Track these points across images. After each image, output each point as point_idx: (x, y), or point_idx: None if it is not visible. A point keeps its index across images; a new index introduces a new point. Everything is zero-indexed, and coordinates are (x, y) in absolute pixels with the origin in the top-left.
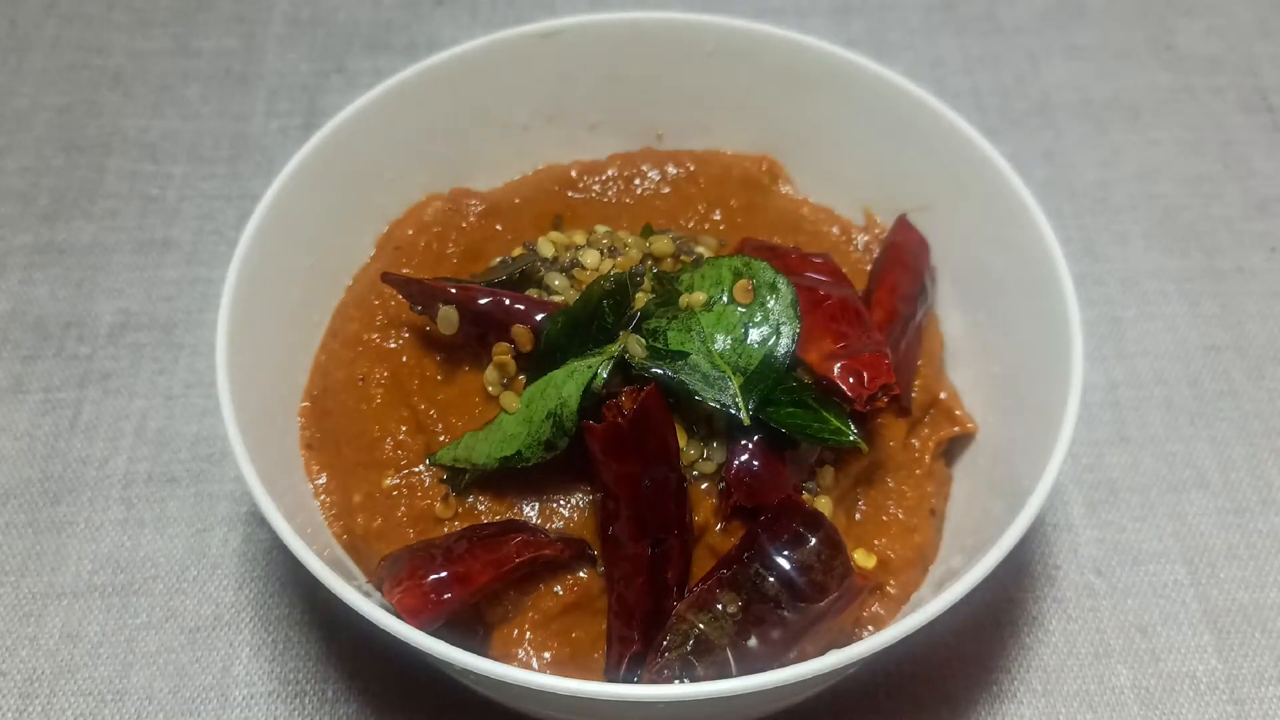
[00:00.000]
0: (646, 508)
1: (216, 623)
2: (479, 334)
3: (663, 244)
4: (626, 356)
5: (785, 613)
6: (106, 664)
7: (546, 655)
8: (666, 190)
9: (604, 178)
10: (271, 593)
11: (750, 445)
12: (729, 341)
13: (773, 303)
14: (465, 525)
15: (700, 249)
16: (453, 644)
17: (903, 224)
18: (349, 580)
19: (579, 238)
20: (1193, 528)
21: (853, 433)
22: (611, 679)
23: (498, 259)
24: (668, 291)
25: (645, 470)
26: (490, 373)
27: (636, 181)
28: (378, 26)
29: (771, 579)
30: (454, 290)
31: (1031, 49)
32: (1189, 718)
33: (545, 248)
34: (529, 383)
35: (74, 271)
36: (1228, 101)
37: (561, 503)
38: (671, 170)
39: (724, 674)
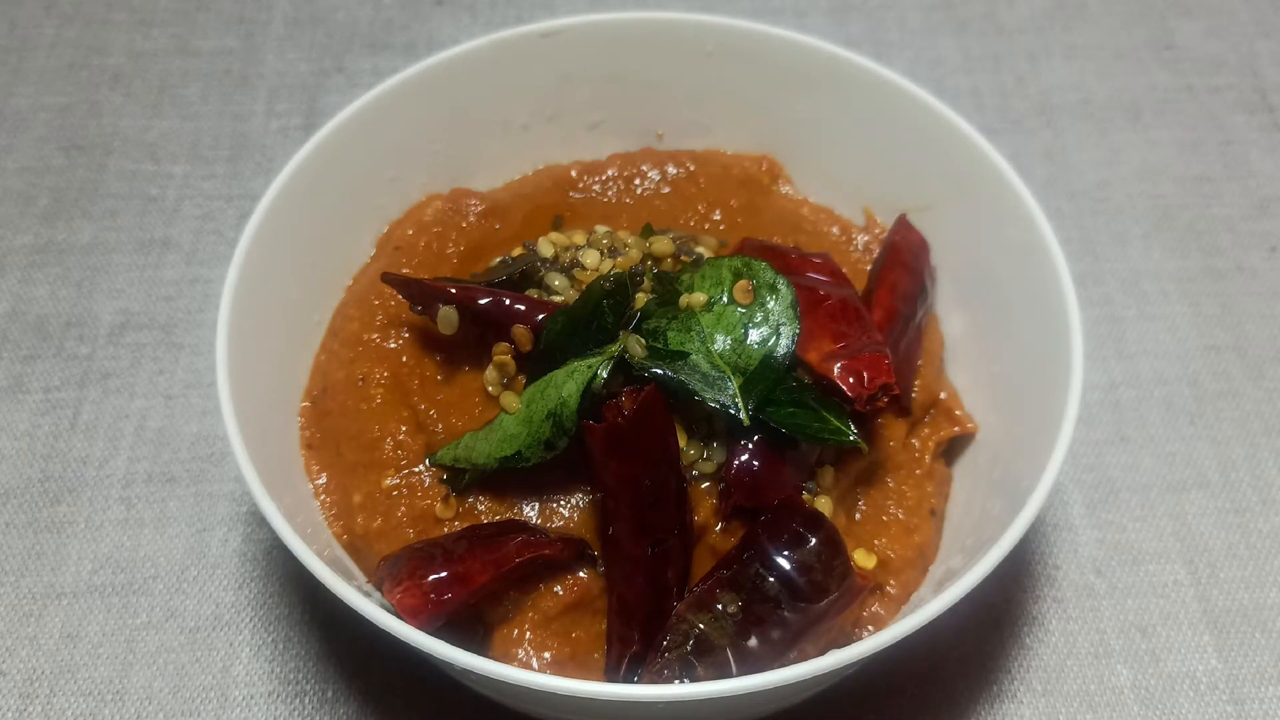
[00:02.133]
0: (646, 508)
1: (216, 623)
2: (479, 334)
3: (663, 244)
4: (626, 356)
5: (785, 613)
6: (106, 664)
7: (546, 655)
8: (666, 190)
9: (604, 178)
10: (271, 593)
11: (750, 445)
12: (729, 341)
13: (773, 303)
14: (465, 525)
15: (700, 249)
16: (453, 644)
17: (903, 224)
18: (349, 580)
19: (579, 238)
20: (1193, 528)
21: (853, 433)
22: (611, 679)
23: (498, 259)
24: (668, 291)
25: (645, 470)
26: (490, 373)
27: (636, 181)
28: (378, 26)
29: (771, 579)
30: (454, 290)
31: (1031, 49)
32: (1189, 718)
33: (545, 248)
34: (529, 383)
35: (74, 271)
36: (1228, 101)
37: (561, 503)
38: (671, 170)
39: (724, 674)
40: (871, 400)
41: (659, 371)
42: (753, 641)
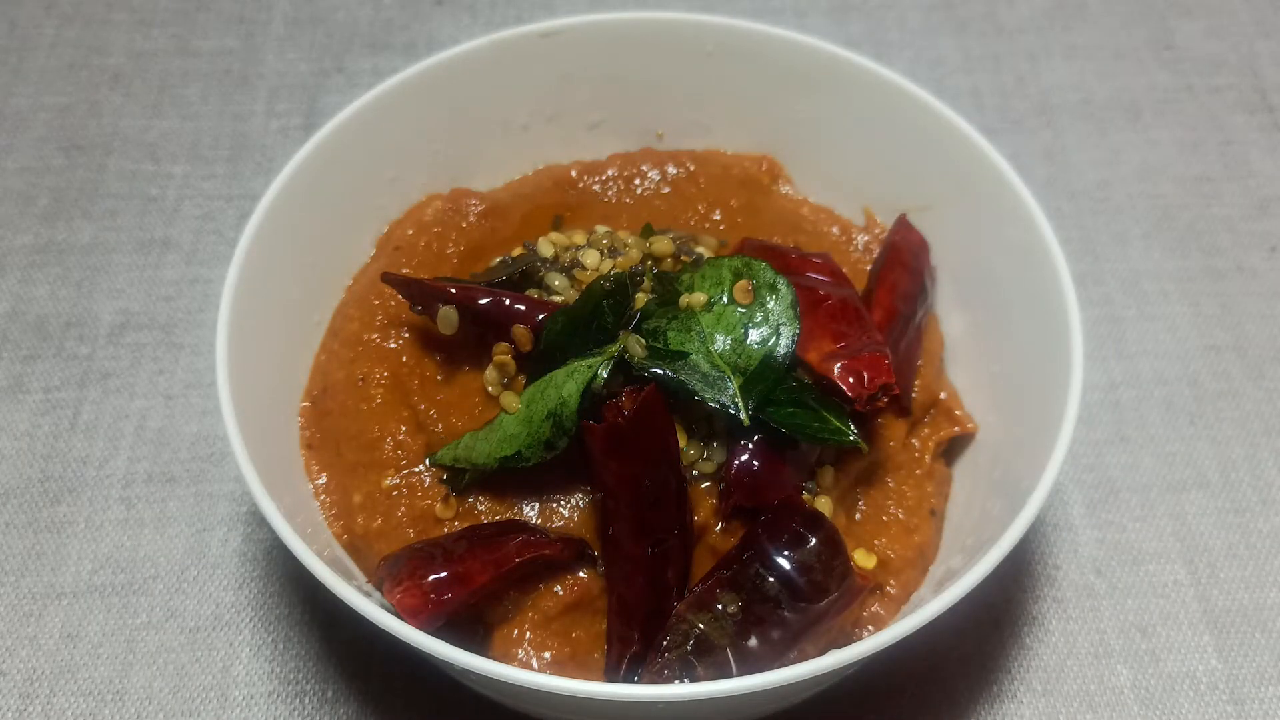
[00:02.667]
0: (646, 508)
1: (216, 623)
2: (479, 334)
3: (663, 244)
4: (626, 356)
5: (785, 613)
6: (106, 664)
7: (546, 655)
8: (666, 190)
9: (604, 178)
10: (271, 593)
11: (750, 445)
12: (729, 342)
13: (773, 303)
14: (465, 525)
15: (700, 249)
16: (453, 644)
17: (903, 224)
18: (349, 580)
19: (579, 238)
20: (1193, 528)
21: (853, 433)
22: (611, 679)
23: (498, 259)
24: (668, 291)
25: (645, 470)
26: (490, 373)
27: (636, 181)
28: (378, 26)
29: (771, 579)
30: (454, 290)
31: (1031, 49)
32: (1189, 718)
33: (545, 248)
34: (529, 383)
35: (74, 271)
36: (1228, 101)
37: (561, 503)
38: (671, 170)
39: (724, 674)
40: (871, 400)
41: (659, 371)
42: (753, 641)
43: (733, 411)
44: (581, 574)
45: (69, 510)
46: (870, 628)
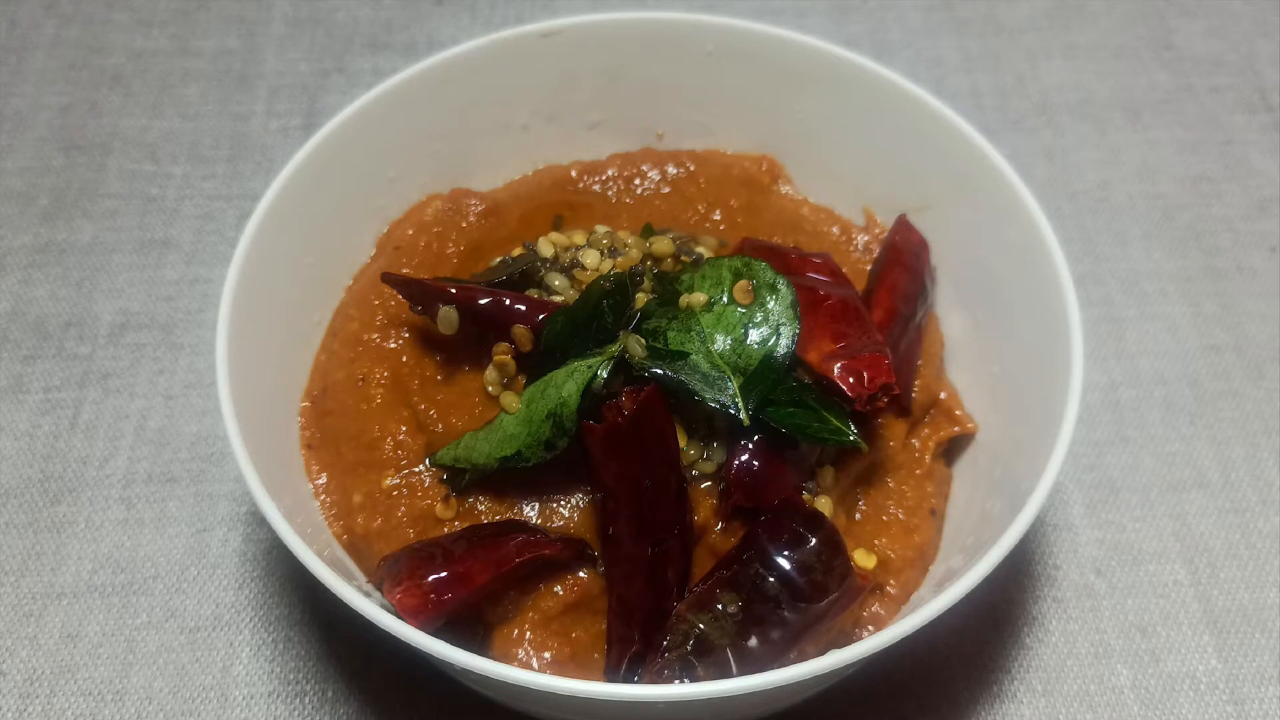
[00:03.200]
0: (647, 508)
1: (216, 623)
2: (479, 334)
3: (663, 244)
4: (626, 356)
5: (785, 613)
6: (106, 664)
7: (546, 655)
8: (666, 190)
9: (604, 178)
10: (271, 593)
11: (750, 445)
12: (729, 342)
13: (773, 303)
14: (465, 525)
15: (700, 249)
16: (453, 644)
17: (903, 224)
18: (349, 580)
19: (579, 238)
20: (1193, 528)
21: (853, 433)
22: (611, 679)
23: (498, 259)
24: (668, 291)
25: (645, 470)
26: (490, 373)
27: (636, 181)
28: (378, 26)
29: (771, 579)
30: (454, 290)
31: (1031, 49)
32: (1189, 718)
33: (545, 248)
34: (529, 383)
35: (74, 271)
36: (1228, 101)
37: (561, 503)
38: (671, 170)
39: (724, 674)
40: (871, 400)
41: (659, 371)
42: (753, 641)
43: (733, 411)
44: (581, 574)
45: (69, 510)
46: (870, 628)
